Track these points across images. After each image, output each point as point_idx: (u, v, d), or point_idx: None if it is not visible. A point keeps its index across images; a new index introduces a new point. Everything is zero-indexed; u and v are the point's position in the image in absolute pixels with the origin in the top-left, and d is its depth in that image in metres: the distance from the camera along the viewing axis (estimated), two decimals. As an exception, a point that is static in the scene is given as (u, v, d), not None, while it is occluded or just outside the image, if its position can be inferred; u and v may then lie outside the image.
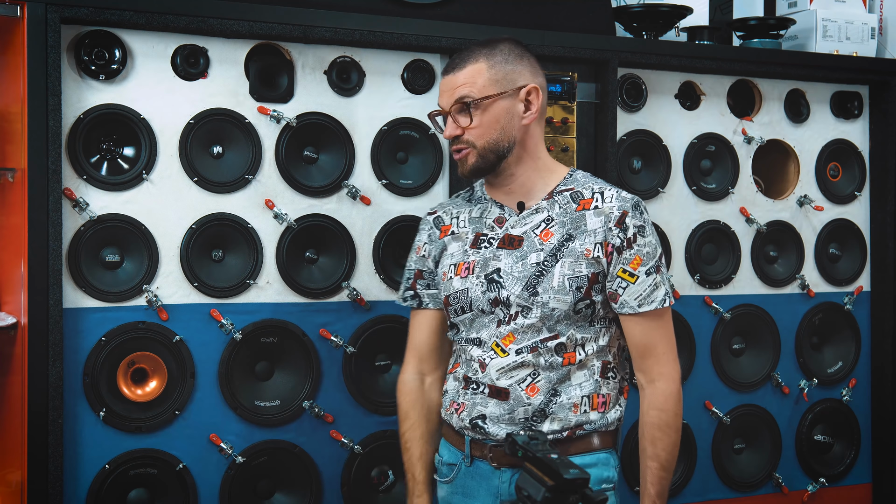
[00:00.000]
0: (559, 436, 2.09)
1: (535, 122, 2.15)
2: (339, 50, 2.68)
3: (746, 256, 3.19)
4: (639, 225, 2.10)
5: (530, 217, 2.16)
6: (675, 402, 2.11)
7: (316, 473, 2.66)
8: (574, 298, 2.08)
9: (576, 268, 2.08)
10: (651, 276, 2.10)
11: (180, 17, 2.45)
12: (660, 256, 2.12)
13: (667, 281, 2.13)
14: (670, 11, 3.09)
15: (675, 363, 2.14)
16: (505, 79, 2.10)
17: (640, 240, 2.10)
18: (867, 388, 3.40)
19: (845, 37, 3.37)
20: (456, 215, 2.27)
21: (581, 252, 2.09)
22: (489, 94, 2.09)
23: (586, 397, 2.10)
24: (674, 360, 2.13)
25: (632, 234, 2.09)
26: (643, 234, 2.10)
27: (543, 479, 1.66)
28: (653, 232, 2.13)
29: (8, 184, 2.48)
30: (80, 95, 2.42)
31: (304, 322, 2.65)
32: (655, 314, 2.11)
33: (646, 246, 2.10)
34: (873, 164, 3.39)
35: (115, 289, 2.46)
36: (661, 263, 2.12)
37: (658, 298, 2.10)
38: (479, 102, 2.09)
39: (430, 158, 2.79)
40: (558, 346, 2.09)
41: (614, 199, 2.12)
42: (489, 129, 2.10)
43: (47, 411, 2.33)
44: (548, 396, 2.09)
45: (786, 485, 3.24)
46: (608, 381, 2.14)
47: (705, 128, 3.14)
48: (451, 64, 2.14)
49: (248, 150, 2.59)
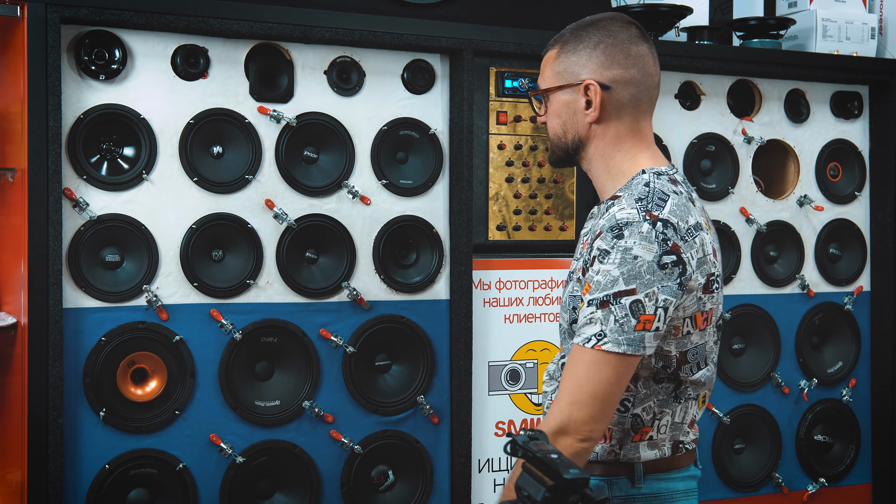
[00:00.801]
0: None
1: (612, 120, 1.90)
2: (339, 50, 2.68)
3: (746, 256, 3.19)
4: (603, 249, 1.77)
5: (587, 223, 1.99)
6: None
7: (316, 473, 2.66)
8: (570, 318, 1.90)
9: (574, 286, 1.90)
10: (590, 308, 1.76)
11: (180, 17, 2.45)
12: (617, 293, 1.73)
13: (613, 323, 1.73)
14: (670, 11, 3.09)
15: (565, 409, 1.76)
16: (567, 71, 1.91)
17: (596, 265, 1.77)
18: (867, 388, 3.40)
19: (845, 37, 3.37)
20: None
21: (575, 270, 1.90)
22: (550, 85, 1.93)
23: None
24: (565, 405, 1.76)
25: (592, 256, 1.79)
26: (602, 260, 1.76)
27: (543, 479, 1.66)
28: (619, 263, 1.74)
29: (8, 184, 2.48)
30: (80, 95, 2.42)
31: (304, 322, 2.65)
32: (577, 348, 1.77)
33: (599, 274, 1.76)
34: (873, 164, 3.39)
35: (115, 289, 2.46)
36: (615, 302, 1.73)
37: (585, 334, 1.75)
38: (544, 93, 1.96)
39: (430, 158, 2.79)
40: (563, 365, 1.93)
41: (609, 216, 1.81)
42: (552, 122, 1.95)
43: (47, 411, 2.33)
44: None
45: (786, 485, 3.24)
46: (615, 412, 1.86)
47: (705, 128, 3.14)
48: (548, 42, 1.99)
49: (248, 150, 2.59)
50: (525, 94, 2.87)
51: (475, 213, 2.80)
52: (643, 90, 1.91)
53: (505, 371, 2.91)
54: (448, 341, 2.80)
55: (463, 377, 2.77)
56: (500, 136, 2.85)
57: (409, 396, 2.76)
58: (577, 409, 1.76)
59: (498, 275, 2.90)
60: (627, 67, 1.89)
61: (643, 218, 1.76)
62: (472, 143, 2.77)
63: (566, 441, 1.76)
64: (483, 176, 2.83)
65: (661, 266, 1.75)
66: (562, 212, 2.93)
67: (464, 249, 2.77)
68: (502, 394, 2.91)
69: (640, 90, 1.90)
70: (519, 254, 2.93)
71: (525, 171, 2.88)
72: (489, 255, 2.88)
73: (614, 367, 1.75)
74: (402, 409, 2.76)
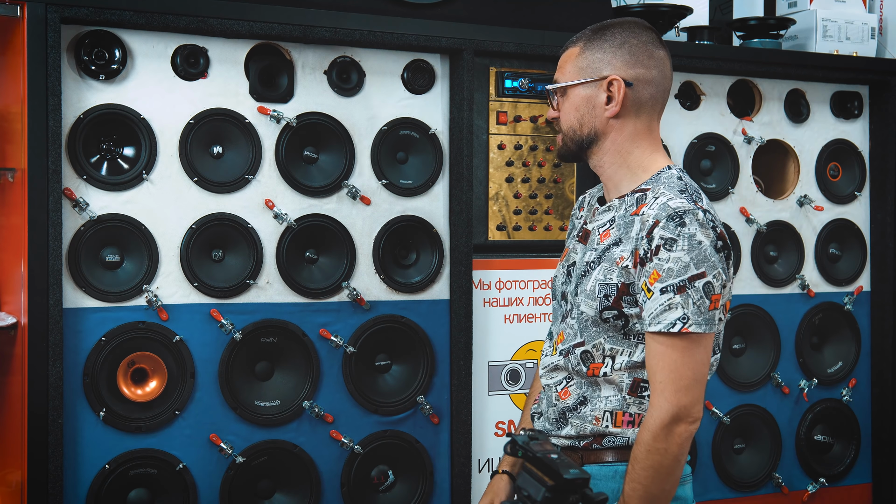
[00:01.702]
0: (575, 443, 2.01)
1: (630, 117, 1.99)
2: (339, 50, 2.68)
3: (746, 256, 3.19)
4: (667, 237, 1.86)
5: (602, 215, 2.04)
6: (650, 437, 1.86)
7: (316, 473, 2.66)
8: (600, 306, 1.94)
9: (608, 274, 1.94)
10: (666, 295, 1.85)
11: (180, 17, 2.45)
12: (691, 278, 1.85)
13: (692, 306, 1.85)
14: (670, 11, 3.09)
15: (673, 399, 1.86)
16: (590, 67, 1.99)
17: (662, 253, 1.86)
18: (867, 388, 3.40)
19: (845, 37, 3.37)
20: (588, 199, 2.18)
21: (615, 259, 1.94)
22: (572, 80, 2.00)
23: (609, 413, 1.97)
24: (672, 395, 1.86)
25: (655, 245, 1.87)
26: (670, 247, 1.86)
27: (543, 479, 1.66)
28: (688, 249, 1.85)
29: (8, 184, 2.48)
30: (80, 95, 2.42)
31: (304, 322, 2.65)
32: (662, 337, 1.87)
33: (669, 261, 1.85)
34: (873, 164, 3.39)
35: (115, 289, 2.46)
36: (690, 286, 1.85)
37: (666, 320, 1.85)
38: (563, 88, 2.02)
39: (430, 158, 2.79)
40: (584, 353, 1.99)
41: (659, 206, 1.90)
42: (568, 115, 2.02)
43: (47, 411, 2.33)
44: (576, 403, 2.01)
45: (786, 485, 3.24)
46: (640, 400, 1.96)
47: (705, 128, 3.14)
48: (567, 41, 2.06)
49: (248, 150, 2.59)
50: (525, 93, 2.87)
51: (475, 213, 2.80)
52: (661, 92, 2.02)
53: (505, 371, 2.91)
54: (448, 341, 2.80)
55: (463, 377, 2.77)
56: (500, 136, 2.85)
57: (409, 396, 2.77)
58: (683, 395, 1.86)
59: (498, 275, 2.90)
60: (650, 68, 1.99)
61: (696, 207, 1.89)
62: (472, 143, 2.77)
63: (681, 428, 1.86)
64: (483, 176, 2.83)
65: (717, 250, 1.89)
66: (562, 212, 2.93)
67: (464, 249, 2.77)
68: (502, 394, 2.91)
69: (658, 91, 2.01)
70: (519, 254, 2.93)
71: (525, 171, 2.88)
72: (489, 255, 2.88)
73: (703, 347, 1.88)
74: (402, 409, 2.76)
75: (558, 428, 2.03)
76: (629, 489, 1.89)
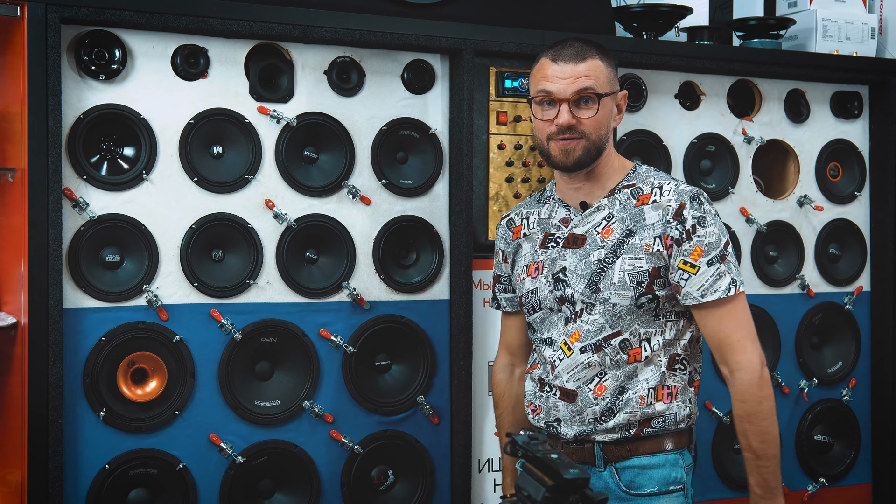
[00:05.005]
0: (626, 433, 2.14)
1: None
2: (339, 50, 2.68)
3: (746, 256, 3.19)
4: (698, 216, 2.11)
5: (592, 215, 2.21)
6: (756, 389, 2.08)
7: (316, 473, 2.66)
8: (635, 293, 2.12)
9: (636, 263, 2.12)
10: (713, 266, 2.10)
11: (180, 17, 2.45)
12: (725, 245, 2.12)
13: (734, 269, 2.12)
14: (670, 11, 3.09)
15: (754, 350, 2.11)
16: (613, 80, 2.19)
17: (699, 230, 2.10)
18: (867, 388, 3.40)
19: (845, 37, 3.37)
20: (526, 216, 2.33)
21: (641, 247, 2.13)
22: (607, 91, 2.16)
23: (652, 389, 2.14)
24: (751, 346, 2.11)
25: (690, 225, 2.11)
26: (703, 224, 2.11)
27: (543, 479, 1.66)
28: (715, 222, 2.13)
29: (8, 184, 2.48)
30: (80, 95, 2.42)
31: (304, 322, 2.65)
32: (722, 303, 2.10)
33: (707, 236, 2.11)
34: (873, 164, 3.39)
35: (115, 289, 2.46)
36: (727, 252, 2.12)
37: (721, 287, 2.10)
38: (597, 96, 2.14)
39: (430, 158, 2.79)
40: (623, 342, 2.14)
41: (672, 191, 2.14)
42: (601, 124, 2.16)
43: (47, 411, 2.33)
44: (615, 395, 2.14)
45: (786, 485, 3.23)
46: (675, 373, 2.16)
47: (705, 128, 3.14)
48: (565, 53, 2.15)
49: (248, 150, 2.59)
50: (525, 93, 2.87)
51: (475, 213, 2.80)
52: None
53: (505, 371, 2.91)
54: (448, 341, 2.80)
55: (463, 377, 2.77)
56: (500, 136, 2.85)
57: (409, 396, 2.77)
58: (758, 344, 2.13)
59: (498, 275, 2.90)
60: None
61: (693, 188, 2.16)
62: (472, 143, 2.77)
63: (766, 371, 2.11)
64: (483, 176, 2.83)
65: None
66: (562, 212, 2.93)
67: (464, 249, 2.77)
68: (502, 394, 2.90)
69: None
70: (519, 254, 2.93)
71: (525, 171, 2.88)
72: (489, 255, 2.88)
73: (745, 300, 2.15)
74: (402, 409, 2.76)
75: (604, 422, 2.14)
76: (759, 447, 2.12)
